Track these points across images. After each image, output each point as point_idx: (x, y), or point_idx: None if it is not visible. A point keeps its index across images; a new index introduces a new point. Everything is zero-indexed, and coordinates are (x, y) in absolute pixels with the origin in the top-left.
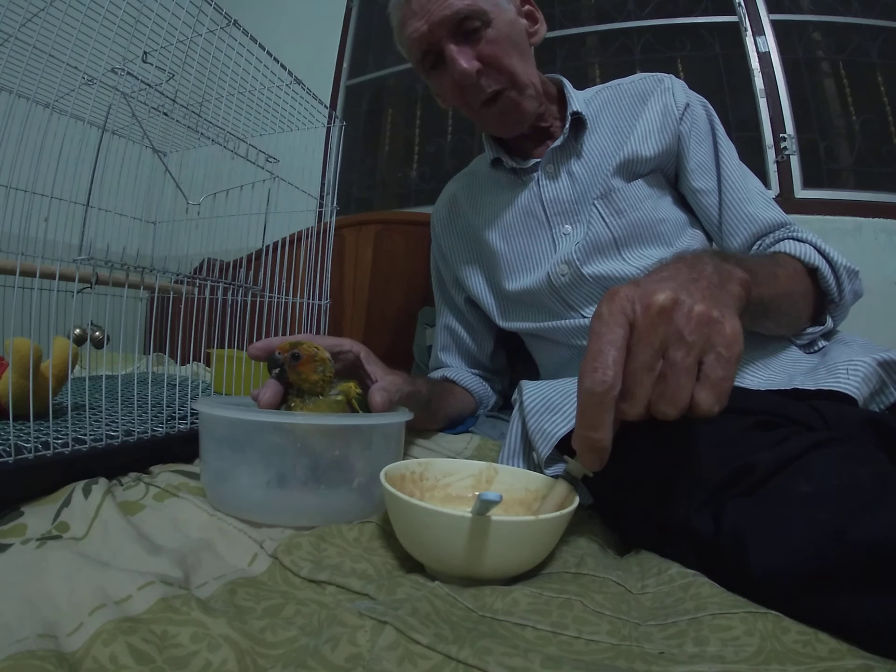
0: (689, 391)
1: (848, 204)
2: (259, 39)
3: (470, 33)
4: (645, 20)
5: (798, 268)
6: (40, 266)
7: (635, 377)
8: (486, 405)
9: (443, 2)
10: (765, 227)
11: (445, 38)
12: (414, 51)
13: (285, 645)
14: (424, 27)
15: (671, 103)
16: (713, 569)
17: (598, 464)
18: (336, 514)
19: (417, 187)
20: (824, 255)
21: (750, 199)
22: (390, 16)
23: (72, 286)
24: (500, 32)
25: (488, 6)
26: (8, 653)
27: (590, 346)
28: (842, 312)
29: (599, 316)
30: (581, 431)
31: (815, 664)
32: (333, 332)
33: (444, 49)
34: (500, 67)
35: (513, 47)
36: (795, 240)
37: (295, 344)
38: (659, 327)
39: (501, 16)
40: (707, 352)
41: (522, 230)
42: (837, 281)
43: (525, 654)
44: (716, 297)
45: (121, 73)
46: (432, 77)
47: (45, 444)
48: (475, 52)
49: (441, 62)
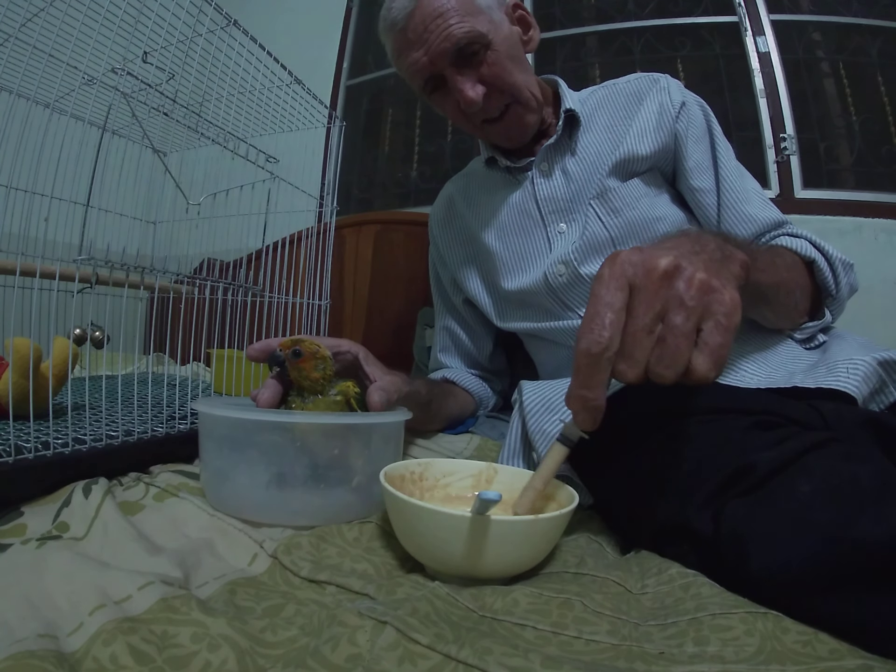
0: (687, 355)
1: (848, 204)
2: (259, 39)
3: (470, 57)
4: (645, 20)
5: (795, 259)
6: (40, 266)
7: (634, 339)
8: (485, 406)
9: (441, 32)
10: (763, 226)
11: (446, 65)
12: (415, 80)
13: (285, 645)
14: (425, 59)
15: (667, 102)
16: (713, 569)
17: (591, 423)
18: (336, 513)
19: (417, 187)
20: (819, 248)
21: (748, 199)
22: (382, 40)
23: (72, 286)
24: (499, 53)
25: (485, 27)
26: (8, 653)
27: (588, 307)
28: (839, 306)
29: (600, 278)
30: (576, 390)
31: (815, 664)
32: (333, 332)
33: (445, 76)
34: (503, 87)
35: (512, 63)
36: (791, 236)
37: (296, 341)
38: (660, 291)
39: (499, 34)
40: (706, 318)
41: (518, 229)
42: (833, 273)
43: (525, 654)
44: (717, 269)
45: (121, 73)
46: (434, 100)
47: (45, 444)
48: (477, 75)
49: (442, 85)
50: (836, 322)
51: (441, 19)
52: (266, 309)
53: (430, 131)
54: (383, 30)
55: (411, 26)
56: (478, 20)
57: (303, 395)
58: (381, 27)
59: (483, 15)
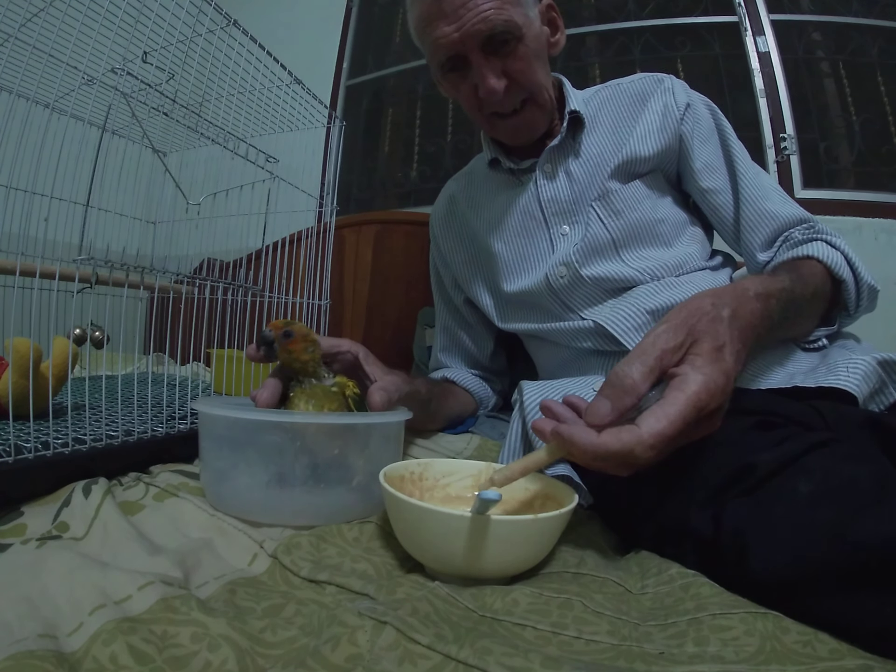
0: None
1: (848, 204)
2: (259, 39)
3: (500, 45)
4: (645, 20)
5: (825, 279)
6: (40, 266)
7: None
8: (486, 406)
9: (479, 12)
10: (785, 223)
11: (475, 47)
12: (438, 54)
13: (285, 645)
14: (456, 35)
15: (671, 103)
16: (713, 569)
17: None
18: (336, 513)
19: (417, 187)
20: (853, 268)
21: (767, 196)
22: (409, 3)
23: (72, 286)
24: (528, 49)
25: (521, 19)
26: (8, 653)
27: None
28: (850, 321)
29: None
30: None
31: (815, 664)
32: (333, 332)
33: (470, 58)
34: (525, 84)
35: (538, 62)
36: (828, 244)
37: (288, 323)
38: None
39: (531, 30)
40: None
41: (520, 231)
42: (858, 297)
43: (525, 654)
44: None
45: (121, 73)
46: (449, 79)
47: (45, 444)
48: (503, 66)
49: (461, 66)
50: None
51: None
52: (266, 309)
53: (430, 131)
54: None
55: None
56: (516, 11)
57: (300, 381)
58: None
59: (521, 7)
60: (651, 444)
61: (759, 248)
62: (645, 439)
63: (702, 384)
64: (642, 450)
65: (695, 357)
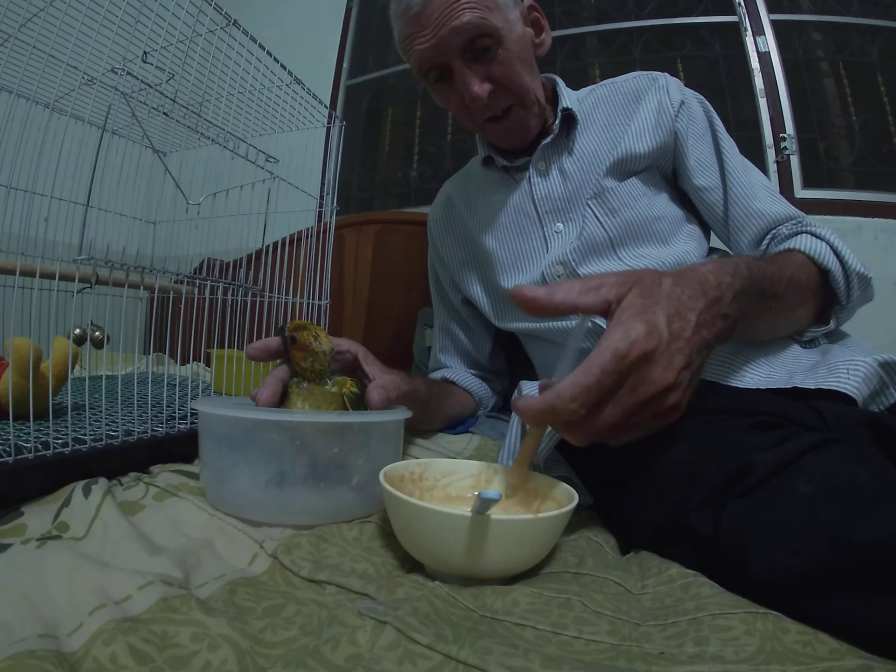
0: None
1: (848, 204)
2: (259, 39)
3: (480, 52)
4: (645, 20)
5: (810, 272)
6: (40, 266)
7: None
8: (485, 406)
9: (455, 15)
10: (773, 221)
11: (455, 55)
12: (421, 66)
13: (285, 645)
14: (435, 45)
15: (666, 101)
16: (713, 569)
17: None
18: (336, 512)
19: (417, 187)
20: (840, 256)
21: (755, 195)
22: (392, 22)
23: (72, 286)
24: (511, 52)
25: (500, 23)
26: (8, 653)
27: (593, 369)
28: (847, 314)
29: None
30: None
31: (815, 664)
32: (333, 332)
33: (452, 66)
34: (510, 87)
35: (522, 65)
36: (813, 235)
37: (300, 326)
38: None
39: (512, 33)
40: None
41: (515, 229)
42: (848, 285)
43: (525, 654)
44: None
45: (121, 73)
46: (437, 90)
47: (45, 444)
48: (486, 71)
49: (447, 77)
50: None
51: (456, 4)
52: (266, 309)
53: (430, 131)
54: (395, 13)
55: (426, 12)
56: (494, 15)
57: (300, 381)
58: (394, 10)
59: (499, 11)
60: (569, 395)
61: (748, 247)
62: (562, 390)
63: (620, 332)
64: (562, 403)
65: (620, 312)
